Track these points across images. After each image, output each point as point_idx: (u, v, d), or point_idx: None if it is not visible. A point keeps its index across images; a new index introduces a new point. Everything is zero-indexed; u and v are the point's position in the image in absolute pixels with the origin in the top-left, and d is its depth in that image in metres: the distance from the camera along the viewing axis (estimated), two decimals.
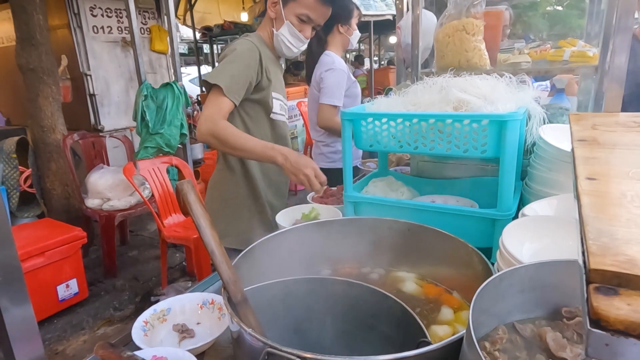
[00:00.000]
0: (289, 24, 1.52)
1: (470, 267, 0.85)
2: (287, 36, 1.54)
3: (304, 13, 1.51)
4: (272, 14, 1.56)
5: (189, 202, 0.81)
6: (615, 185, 0.51)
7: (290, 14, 1.52)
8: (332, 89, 2.25)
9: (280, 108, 1.68)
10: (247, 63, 1.47)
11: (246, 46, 1.50)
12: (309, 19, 1.52)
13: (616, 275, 0.30)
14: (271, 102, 1.60)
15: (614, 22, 1.30)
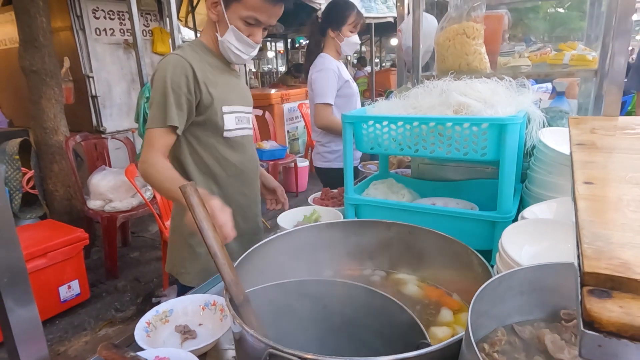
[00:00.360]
0: (234, 29, 1.31)
1: (470, 269, 0.86)
2: (234, 42, 1.33)
3: (251, 15, 1.29)
4: (214, 16, 1.34)
5: (191, 204, 0.82)
6: (612, 190, 0.52)
7: (235, 17, 1.30)
8: (322, 89, 2.33)
9: (238, 121, 1.44)
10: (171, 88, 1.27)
11: (169, 67, 1.29)
12: (257, 21, 1.31)
13: (609, 279, 0.31)
14: (221, 119, 1.38)
15: (613, 26, 1.31)
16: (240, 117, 1.45)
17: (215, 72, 1.38)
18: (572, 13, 7.07)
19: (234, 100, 1.42)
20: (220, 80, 1.38)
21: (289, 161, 5.06)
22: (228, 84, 1.42)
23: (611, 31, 1.32)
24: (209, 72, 1.36)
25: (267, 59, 11.19)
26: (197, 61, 1.32)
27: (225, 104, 1.38)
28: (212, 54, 1.40)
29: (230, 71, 1.45)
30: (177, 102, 1.27)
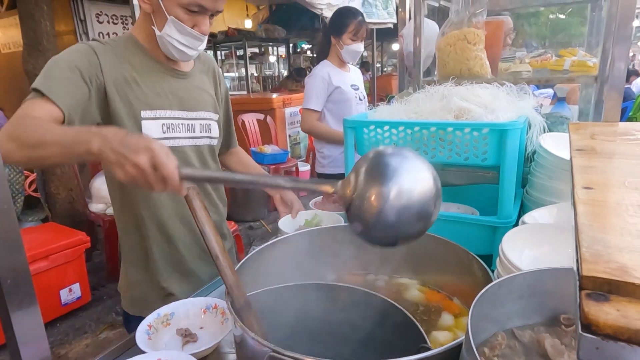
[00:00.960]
0: (175, 20, 1.10)
1: (470, 274, 0.86)
2: (176, 36, 1.12)
3: (192, 2, 1.08)
4: (147, 6, 1.13)
5: (193, 208, 0.83)
6: (611, 195, 0.52)
7: (173, 6, 1.09)
8: (307, 94, 2.42)
9: (167, 129, 1.20)
10: (69, 63, 1.06)
11: (68, 50, 1.10)
12: (201, 8, 1.10)
13: (607, 282, 0.31)
14: (137, 125, 1.15)
15: (613, 32, 1.32)
16: (172, 125, 1.21)
17: (141, 71, 1.17)
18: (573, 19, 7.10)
19: (164, 104, 1.19)
20: (147, 81, 1.17)
21: (290, 165, 5.07)
22: (159, 86, 1.19)
23: (611, 37, 1.33)
24: (127, 69, 1.15)
25: (269, 64, 11.25)
26: (110, 55, 1.12)
27: (146, 107, 1.16)
28: (143, 51, 1.20)
29: (168, 71, 1.23)
30: (68, 77, 1.04)
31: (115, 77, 1.12)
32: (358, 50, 2.45)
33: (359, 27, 2.38)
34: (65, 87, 1.03)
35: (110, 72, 1.11)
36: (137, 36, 1.20)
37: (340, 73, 2.48)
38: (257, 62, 10.38)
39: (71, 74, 1.05)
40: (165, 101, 1.20)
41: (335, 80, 2.42)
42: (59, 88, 1.02)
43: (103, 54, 1.11)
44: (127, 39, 1.20)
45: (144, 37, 1.20)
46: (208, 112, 1.31)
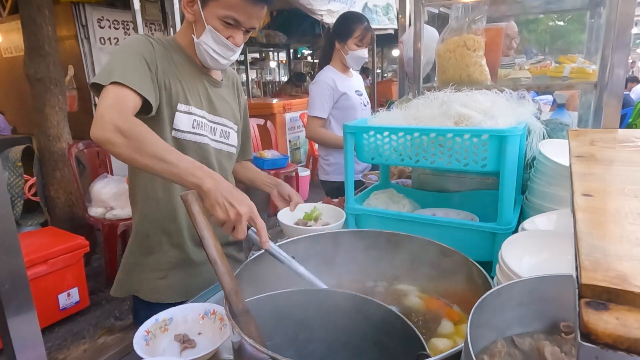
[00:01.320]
0: (212, 29, 1.20)
1: (470, 280, 0.86)
2: (211, 44, 1.22)
3: (229, 15, 1.18)
4: (190, 16, 1.24)
5: (192, 213, 0.83)
6: (611, 202, 0.52)
7: (212, 17, 1.20)
8: (313, 101, 2.38)
9: (196, 126, 1.29)
10: (138, 52, 1.16)
11: (133, 39, 1.21)
12: (236, 22, 1.20)
13: (606, 290, 0.31)
14: (170, 115, 1.23)
15: (612, 39, 1.33)
16: (201, 123, 1.30)
17: (181, 70, 1.27)
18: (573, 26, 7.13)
19: (197, 103, 1.29)
20: (185, 79, 1.27)
21: (290, 170, 5.07)
22: (194, 86, 1.30)
23: (610, 44, 1.33)
24: (171, 65, 1.25)
25: (270, 69, 11.28)
26: (160, 49, 1.23)
27: (182, 102, 1.25)
28: (184, 55, 1.30)
29: (204, 76, 1.33)
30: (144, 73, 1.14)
31: (164, 67, 1.22)
32: (363, 57, 2.41)
33: (365, 33, 2.34)
34: (142, 76, 1.13)
35: (161, 63, 1.22)
36: (180, 42, 1.32)
37: (345, 79, 2.45)
38: (258, 67, 10.42)
39: (142, 64, 1.15)
40: (198, 100, 1.30)
41: (340, 86, 2.39)
42: (141, 81, 1.11)
43: (157, 45, 1.23)
44: (171, 40, 1.31)
45: (186, 44, 1.30)
46: (229, 121, 1.41)
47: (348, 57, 2.37)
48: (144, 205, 1.34)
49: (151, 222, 1.34)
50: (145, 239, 1.35)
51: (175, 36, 1.34)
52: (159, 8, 4.95)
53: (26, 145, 3.58)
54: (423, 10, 1.65)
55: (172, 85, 1.23)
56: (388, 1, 5.20)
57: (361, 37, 2.33)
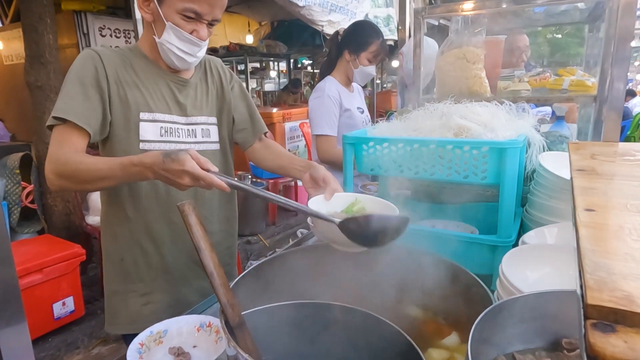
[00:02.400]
0: (172, 25, 1.13)
1: (469, 294, 0.85)
2: (175, 42, 1.15)
3: (188, 7, 1.11)
4: (148, 15, 1.16)
5: (189, 223, 0.82)
6: (614, 218, 0.52)
7: (171, 13, 1.12)
8: (318, 119, 2.09)
9: (165, 133, 1.23)
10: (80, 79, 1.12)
11: (76, 61, 1.17)
12: (197, 14, 1.13)
13: (613, 312, 0.30)
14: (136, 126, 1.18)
15: (612, 52, 1.33)
16: (171, 129, 1.24)
17: (143, 77, 1.21)
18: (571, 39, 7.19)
19: (164, 108, 1.23)
20: (147, 86, 1.21)
21: (289, 180, 5.06)
22: (159, 91, 1.23)
23: (610, 58, 1.34)
24: (129, 73, 1.20)
25: (270, 79, 11.34)
26: (114, 59, 1.18)
27: (144, 109, 1.19)
28: (147, 59, 1.24)
29: (169, 79, 1.26)
30: (84, 94, 1.11)
31: (117, 78, 1.17)
32: (372, 74, 2.19)
33: (381, 49, 2.12)
34: (83, 105, 1.11)
35: (113, 74, 1.17)
36: (142, 47, 1.25)
37: (348, 94, 2.21)
38: (258, 77, 10.47)
39: (84, 89, 1.12)
40: (164, 106, 1.23)
41: (345, 101, 2.14)
42: (79, 109, 1.10)
43: (107, 58, 1.17)
44: (132, 48, 1.26)
45: (148, 48, 1.24)
46: (207, 117, 1.33)
47: (357, 72, 2.14)
48: (112, 224, 1.29)
49: (124, 243, 1.28)
50: (121, 263, 1.29)
51: (138, 43, 1.28)
52: None
53: (24, 153, 3.58)
54: (423, 22, 1.65)
55: (129, 96, 1.18)
56: (389, 12, 5.24)
57: (377, 52, 2.11)
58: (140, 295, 1.30)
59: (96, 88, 1.14)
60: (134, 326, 1.25)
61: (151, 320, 1.24)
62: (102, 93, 1.15)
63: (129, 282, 1.30)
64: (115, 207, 1.27)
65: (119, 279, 1.31)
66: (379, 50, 2.10)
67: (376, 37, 2.11)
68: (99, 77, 1.14)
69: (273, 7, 4.43)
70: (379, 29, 2.18)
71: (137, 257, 1.28)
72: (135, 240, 1.27)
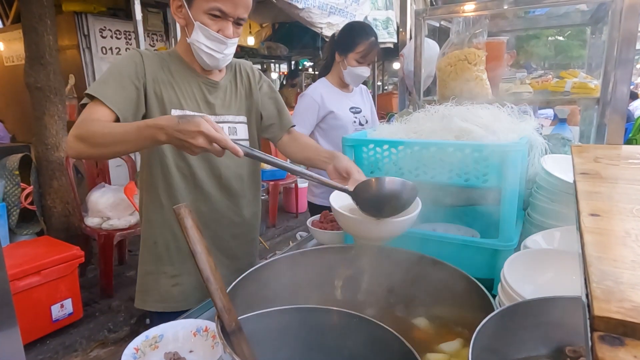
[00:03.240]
0: (200, 25, 1.21)
1: (471, 300, 0.83)
2: (203, 41, 1.23)
3: (213, 7, 1.19)
4: (181, 20, 1.26)
5: (185, 226, 0.80)
6: (619, 223, 0.50)
7: (199, 13, 1.21)
8: (296, 114, 2.16)
9: None
10: (119, 69, 1.21)
11: (123, 55, 1.28)
12: (222, 13, 1.20)
13: (621, 324, 0.28)
14: None
15: (615, 55, 1.32)
16: None
17: (177, 78, 1.31)
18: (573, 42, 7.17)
19: (194, 107, 1.32)
20: (180, 86, 1.31)
21: (289, 182, 5.05)
22: (191, 92, 1.32)
23: (613, 60, 1.32)
24: (166, 74, 1.29)
25: (271, 80, 11.36)
26: (154, 60, 1.28)
27: (176, 107, 1.28)
28: (182, 62, 1.33)
29: (200, 81, 1.34)
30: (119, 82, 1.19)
31: (154, 77, 1.26)
32: (362, 75, 2.16)
33: (370, 49, 2.08)
34: (115, 91, 1.18)
35: (151, 73, 1.26)
36: (179, 51, 1.35)
37: (338, 94, 2.21)
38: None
39: (121, 79, 1.20)
40: (194, 105, 1.32)
41: (329, 103, 2.15)
42: (110, 93, 1.17)
43: (148, 58, 1.27)
44: (171, 52, 1.36)
45: (183, 51, 1.33)
46: (235, 116, 1.41)
47: (346, 73, 2.14)
48: (148, 211, 1.38)
49: (157, 228, 1.38)
50: (154, 247, 1.39)
51: (176, 47, 1.38)
52: (161, 19, 4.99)
53: (24, 154, 3.57)
54: (424, 23, 1.64)
55: (164, 94, 1.27)
56: (388, 15, 5.23)
57: (364, 53, 2.07)
58: (170, 277, 1.40)
59: (132, 80, 1.21)
60: (163, 305, 1.40)
61: (179, 300, 1.40)
62: (139, 86, 1.23)
63: (160, 264, 1.39)
64: (152, 195, 1.36)
65: (152, 260, 1.40)
66: (367, 50, 2.07)
67: (364, 38, 2.08)
68: (137, 72, 1.23)
69: (274, 9, 4.42)
70: (371, 30, 2.16)
71: (169, 241, 1.38)
72: (168, 226, 1.37)
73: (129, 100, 1.21)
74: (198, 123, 0.93)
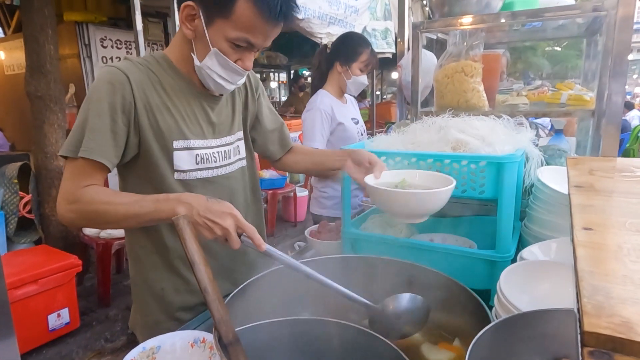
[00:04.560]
0: (218, 52, 1.02)
1: (467, 311, 0.83)
2: (217, 69, 1.05)
3: (242, 37, 0.99)
4: (190, 32, 1.03)
5: (183, 238, 0.81)
6: (612, 237, 0.51)
7: (219, 38, 1.00)
8: (308, 131, 2.12)
9: (201, 160, 1.14)
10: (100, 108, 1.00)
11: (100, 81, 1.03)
12: (249, 44, 1.02)
13: (611, 339, 0.29)
14: (169, 154, 1.08)
15: (610, 66, 1.33)
16: (206, 156, 1.14)
17: (174, 97, 1.10)
18: (570, 52, 7.22)
19: (199, 133, 1.13)
20: (180, 107, 1.10)
21: (288, 191, 5.06)
22: (192, 111, 1.12)
23: (607, 71, 1.34)
24: (159, 93, 1.08)
25: (270, 89, 11.40)
26: (141, 78, 1.05)
27: (178, 137, 1.09)
28: (176, 73, 1.11)
29: (202, 95, 1.15)
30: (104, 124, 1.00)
31: (146, 103, 1.05)
32: (364, 83, 2.22)
33: (372, 58, 2.16)
34: (108, 142, 1.01)
35: (142, 99, 1.04)
36: (171, 57, 1.12)
37: (341, 106, 2.22)
38: None
39: (110, 122, 1.01)
40: (198, 130, 1.13)
41: (338, 115, 2.15)
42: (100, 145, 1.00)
43: (134, 77, 1.04)
44: (160, 58, 1.12)
45: (179, 59, 1.11)
46: (236, 133, 1.26)
47: (350, 82, 2.17)
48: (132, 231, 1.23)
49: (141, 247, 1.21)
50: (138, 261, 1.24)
51: (165, 52, 1.14)
52: (161, 29, 5.03)
53: (23, 162, 3.57)
54: (421, 36, 1.66)
55: (161, 123, 1.07)
56: (387, 25, 5.29)
57: (367, 62, 2.15)
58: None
59: (119, 116, 1.02)
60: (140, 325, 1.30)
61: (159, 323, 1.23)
62: (129, 122, 1.04)
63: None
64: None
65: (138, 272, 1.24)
66: (369, 59, 2.14)
67: (366, 47, 2.14)
68: (123, 104, 1.02)
69: None
70: (367, 39, 2.24)
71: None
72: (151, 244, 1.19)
73: (120, 147, 1.03)
74: (230, 206, 0.89)
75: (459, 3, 1.50)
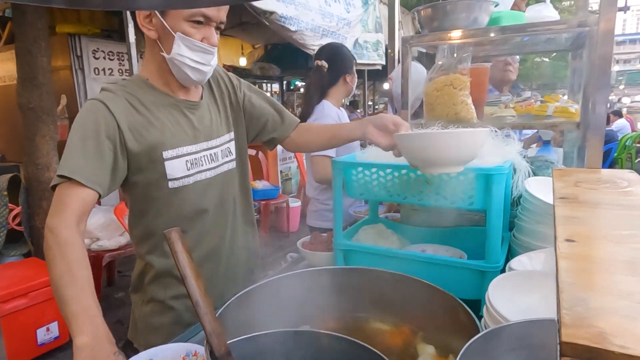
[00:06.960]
0: (182, 35, 1.06)
1: (456, 322, 0.84)
2: (187, 54, 1.08)
3: (197, 12, 1.05)
4: (152, 32, 1.09)
5: (175, 251, 0.81)
6: (594, 249, 0.52)
7: (179, 22, 1.06)
8: None
9: (192, 165, 1.18)
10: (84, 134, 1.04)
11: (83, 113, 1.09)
12: (207, 18, 1.08)
13: (587, 349, 0.30)
14: (161, 167, 1.13)
15: (593, 79, 1.37)
16: (195, 160, 1.19)
17: (156, 111, 1.14)
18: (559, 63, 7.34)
19: (185, 140, 1.17)
20: (163, 119, 1.15)
21: (281, 201, 5.06)
22: (175, 121, 1.17)
23: (591, 84, 1.37)
24: (141, 112, 1.12)
25: None
26: (120, 103, 1.10)
27: (167, 147, 1.13)
28: (154, 90, 1.17)
29: (181, 104, 1.20)
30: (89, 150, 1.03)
31: (130, 124, 1.10)
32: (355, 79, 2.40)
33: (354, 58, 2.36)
34: (93, 165, 1.03)
35: (125, 122, 1.09)
36: (146, 75, 1.19)
37: (344, 116, 2.28)
38: None
39: (95, 146, 1.04)
40: (184, 136, 1.18)
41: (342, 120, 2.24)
42: (88, 170, 1.02)
43: (114, 105, 1.09)
44: (135, 79, 1.18)
45: (153, 73, 1.18)
46: (223, 136, 1.29)
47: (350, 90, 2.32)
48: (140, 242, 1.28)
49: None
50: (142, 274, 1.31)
51: (140, 72, 1.21)
52: None
53: (13, 174, 3.54)
54: (410, 49, 1.69)
55: (148, 138, 1.11)
56: (378, 38, 5.37)
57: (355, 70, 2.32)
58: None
59: (105, 142, 1.05)
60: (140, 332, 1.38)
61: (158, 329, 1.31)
62: (114, 144, 1.07)
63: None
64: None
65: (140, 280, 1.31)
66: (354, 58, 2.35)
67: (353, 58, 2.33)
68: (108, 131, 1.06)
69: (267, 31, 4.51)
70: None
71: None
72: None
73: (107, 171, 1.06)
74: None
75: (448, 18, 1.53)
